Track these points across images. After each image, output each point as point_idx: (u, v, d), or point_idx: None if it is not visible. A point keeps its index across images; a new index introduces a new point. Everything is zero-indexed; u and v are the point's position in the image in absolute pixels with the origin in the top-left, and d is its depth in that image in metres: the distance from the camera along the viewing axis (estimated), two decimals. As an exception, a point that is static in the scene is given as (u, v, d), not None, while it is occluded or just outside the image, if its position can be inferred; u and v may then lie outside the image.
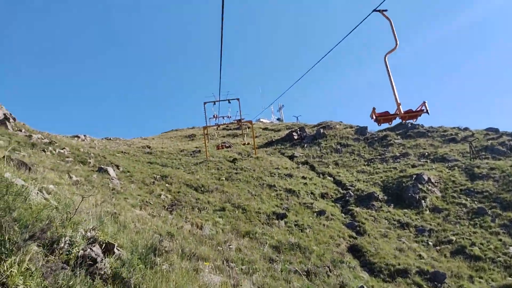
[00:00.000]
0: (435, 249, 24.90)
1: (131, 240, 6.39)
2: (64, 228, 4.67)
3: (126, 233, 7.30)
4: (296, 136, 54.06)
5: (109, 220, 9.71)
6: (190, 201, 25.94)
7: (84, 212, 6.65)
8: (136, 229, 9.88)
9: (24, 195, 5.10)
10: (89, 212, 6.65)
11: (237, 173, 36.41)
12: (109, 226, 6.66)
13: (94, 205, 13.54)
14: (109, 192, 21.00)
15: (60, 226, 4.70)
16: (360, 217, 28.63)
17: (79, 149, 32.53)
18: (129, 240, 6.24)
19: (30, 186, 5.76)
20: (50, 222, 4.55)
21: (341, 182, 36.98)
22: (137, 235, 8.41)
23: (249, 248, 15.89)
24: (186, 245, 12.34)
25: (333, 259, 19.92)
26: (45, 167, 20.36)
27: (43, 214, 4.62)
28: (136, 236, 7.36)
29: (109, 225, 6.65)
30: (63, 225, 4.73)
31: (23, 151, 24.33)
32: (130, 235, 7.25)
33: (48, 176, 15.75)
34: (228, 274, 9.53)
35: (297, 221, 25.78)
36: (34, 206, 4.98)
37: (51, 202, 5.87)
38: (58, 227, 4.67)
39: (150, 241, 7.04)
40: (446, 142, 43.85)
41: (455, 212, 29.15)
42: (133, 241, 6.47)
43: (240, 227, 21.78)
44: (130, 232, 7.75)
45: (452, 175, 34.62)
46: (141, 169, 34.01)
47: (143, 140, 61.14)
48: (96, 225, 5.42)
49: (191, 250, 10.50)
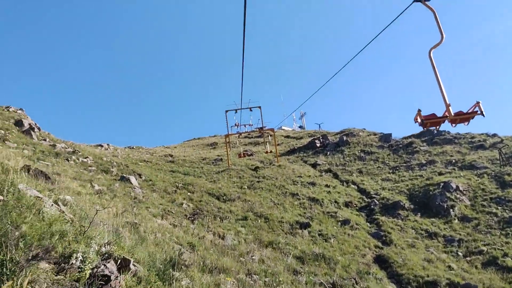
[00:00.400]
0: (465, 260, 23.96)
1: (149, 254, 6.08)
2: (78, 243, 4.38)
3: (145, 246, 7.00)
4: (319, 143, 53.43)
5: (129, 231, 9.47)
6: (212, 210, 25.67)
7: (101, 224, 6.38)
8: (156, 241, 9.60)
9: (37, 207, 4.84)
10: (107, 224, 6.39)
11: (259, 182, 36.04)
12: (127, 239, 6.37)
13: (114, 215, 13.38)
14: (131, 201, 20.89)
15: (74, 241, 4.42)
16: (386, 227, 27.86)
17: (102, 158, 32.71)
18: (147, 254, 5.93)
19: (44, 198, 5.52)
20: (62, 237, 4.26)
21: (366, 190, 36.20)
22: (157, 248, 8.12)
23: (272, 259, 15.45)
24: (207, 256, 12.02)
25: (359, 270, 19.29)
26: (67, 176, 20.40)
27: (55, 228, 4.35)
28: (155, 249, 7.06)
29: (127, 238, 6.36)
30: (76, 239, 4.45)
31: (47, 160, 24.51)
32: (149, 248, 6.95)
33: (70, 186, 15.70)
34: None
35: (321, 231, 25.21)
36: (47, 219, 4.72)
37: (66, 214, 5.61)
38: (72, 242, 4.39)
39: (170, 255, 6.72)
40: (474, 149, 42.60)
41: (485, 221, 28.10)
42: (151, 254, 6.17)
43: (263, 236, 21.35)
44: (149, 245, 7.45)
45: (482, 183, 33.50)
46: (163, 177, 33.98)
47: (166, 149, 61.44)
48: (112, 239, 5.12)
49: (212, 263, 10.15)
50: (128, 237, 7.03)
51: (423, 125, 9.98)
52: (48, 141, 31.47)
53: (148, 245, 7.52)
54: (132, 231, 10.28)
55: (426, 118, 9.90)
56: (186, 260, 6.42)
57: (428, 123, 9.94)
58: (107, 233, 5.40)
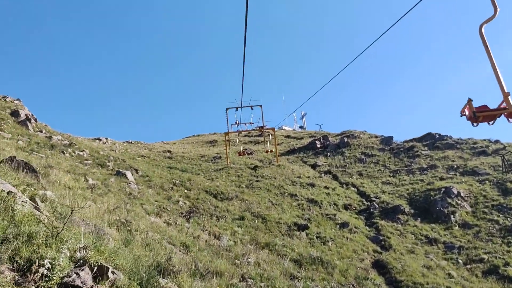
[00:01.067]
0: (465, 268, 23.44)
1: (134, 259, 5.54)
2: (48, 246, 3.84)
3: (131, 249, 6.44)
4: (319, 144, 52.87)
5: (116, 230, 8.92)
6: (209, 208, 25.12)
7: (83, 224, 5.83)
8: (146, 241, 9.05)
9: (7, 204, 4.30)
10: (89, 224, 5.84)
11: (257, 181, 35.50)
12: (111, 241, 5.81)
13: (106, 212, 12.85)
14: (125, 197, 20.36)
15: (44, 244, 3.88)
16: (385, 231, 27.33)
17: (98, 152, 32.16)
18: (132, 259, 5.38)
19: (18, 193, 4.97)
20: (30, 239, 3.72)
21: (365, 193, 35.68)
22: (146, 250, 7.56)
23: (269, 262, 14.91)
24: (201, 258, 11.49)
25: (357, 275, 18.79)
26: (61, 170, 19.88)
27: (23, 228, 3.81)
28: (143, 252, 6.51)
29: (111, 240, 5.80)
30: (47, 243, 3.91)
31: (42, 152, 24.00)
32: (135, 251, 6.40)
33: (61, 179, 15.17)
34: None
35: (319, 233, 24.68)
36: (17, 218, 4.18)
37: (42, 213, 5.06)
38: (41, 245, 3.85)
39: (158, 259, 6.16)
40: (476, 154, 42.03)
41: (486, 228, 27.58)
42: (136, 259, 5.62)
43: (260, 237, 20.81)
44: (137, 247, 6.90)
45: (483, 189, 32.97)
46: (161, 174, 33.43)
47: (164, 145, 60.88)
48: (91, 242, 4.57)
49: (205, 265, 9.62)
50: (114, 238, 6.50)
51: (473, 119, 8.18)
52: (44, 132, 30.94)
53: (136, 247, 6.97)
54: (122, 229, 9.75)
55: (479, 110, 8.12)
56: (175, 265, 5.88)
57: (480, 116, 8.14)
58: (85, 235, 4.86)
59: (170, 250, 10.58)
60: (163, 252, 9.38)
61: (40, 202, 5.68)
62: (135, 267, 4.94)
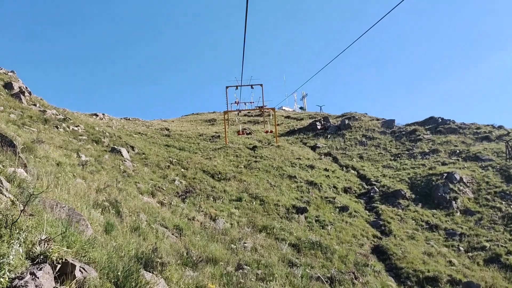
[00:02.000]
0: (466, 256, 22.93)
1: (114, 250, 4.80)
2: (0, 238, 3.09)
3: (114, 236, 5.68)
4: (320, 126, 52.04)
5: (102, 213, 8.18)
6: (206, 189, 24.43)
7: (58, 207, 5.06)
8: (135, 224, 8.31)
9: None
10: (64, 207, 5.08)
11: (256, 161, 34.77)
12: (89, 227, 5.05)
13: (95, 191, 12.11)
14: (119, 175, 19.60)
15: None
16: (386, 216, 26.75)
17: (94, 128, 31.32)
18: (110, 250, 4.64)
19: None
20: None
21: (366, 176, 35.03)
22: (133, 235, 6.82)
23: (266, 247, 14.25)
24: (195, 243, 10.81)
25: (357, 261, 18.18)
26: (52, 145, 19.09)
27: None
28: (126, 241, 5.76)
29: (88, 227, 5.05)
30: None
31: (34, 126, 23.15)
32: (118, 239, 5.64)
33: (50, 155, 14.39)
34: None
35: (318, 217, 24.08)
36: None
37: (5, 194, 4.29)
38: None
39: (142, 249, 5.41)
40: (479, 140, 41.28)
41: (488, 216, 27.00)
42: (117, 250, 4.89)
43: (257, 220, 20.17)
44: (121, 234, 6.13)
45: (486, 175, 32.32)
46: (157, 151, 32.69)
47: (163, 122, 60.01)
48: (59, 231, 3.81)
49: (198, 253, 8.92)
50: (95, 223, 5.75)
51: None
52: (39, 106, 30.01)
53: (120, 234, 6.20)
54: (109, 211, 9.01)
55: None
56: (162, 256, 5.17)
57: None
58: (53, 223, 4.09)
59: (162, 235, 9.88)
60: (153, 237, 8.66)
61: (6, 182, 4.92)
62: (115, 259, 4.20)
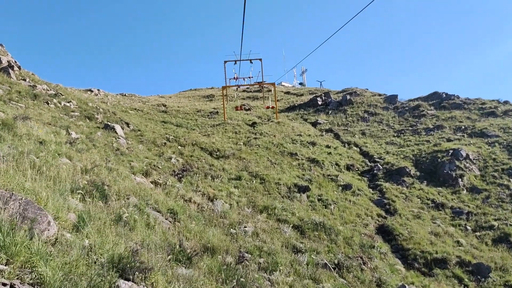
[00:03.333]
0: (474, 235, 22.12)
1: (82, 255, 3.76)
2: None
3: (87, 234, 4.64)
4: (321, 101, 50.77)
5: (81, 200, 7.14)
6: (203, 167, 23.40)
7: (12, 200, 3.99)
8: (120, 211, 7.28)
9: None
10: (21, 201, 4.01)
11: (256, 138, 33.69)
12: (54, 225, 4.00)
13: (81, 172, 11.07)
14: (112, 153, 18.56)
15: None
16: (390, 194, 25.86)
17: (87, 103, 30.13)
18: (76, 257, 3.59)
19: None
20: None
21: (369, 153, 34.02)
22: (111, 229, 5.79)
23: (268, 231, 13.29)
24: (190, 228, 9.83)
25: (363, 243, 17.34)
26: (40, 121, 18.00)
27: None
28: (102, 238, 4.72)
29: (52, 224, 4.00)
30: None
31: (22, 102, 21.99)
32: (91, 237, 4.60)
33: (33, 132, 13.29)
34: None
35: (321, 196, 23.16)
36: None
37: None
38: None
39: (119, 252, 4.37)
40: (484, 115, 40.13)
41: (496, 194, 26.11)
42: (87, 254, 3.86)
43: (258, 200, 19.21)
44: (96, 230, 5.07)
45: (493, 152, 31.34)
46: (154, 128, 31.60)
47: (160, 98, 58.67)
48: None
49: (193, 243, 7.94)
50: (69, 214, 4.72)
51: None
52: (28, 81, 28.74)
53: (98, 229, 5.15)
54: (94, 196, 7.97)
55: None
56: (144, 261, 4.15)
57: None
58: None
59: (154, 220, 8.90)
60: (143, 225, 7.65)
61: None
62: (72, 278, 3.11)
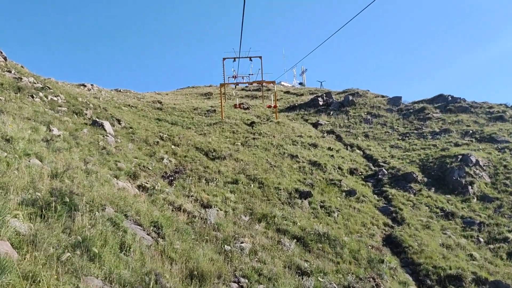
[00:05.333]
0: (487, 248, 20.57)
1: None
2: None
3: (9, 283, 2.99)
4: (322, 101, 49.14)
5: (30, 219, 5.49)
6: (197, 169, 21.72)
7: None
8: (83, 232, 5.62)
9: None
10: None
11: (254, 139, 32.01)
12: None
13: (51, 176, 9.43)
14: (97, 152, 16.86)
15: None
16: (397, 201, 24.28)
17: (76, 98, 28.37)
18: None
19: None
20: None
21: (372, 157, 32.42)
22: (59, 263, 4.16)
23: (268, 248, 11.64)
24: (177, 246, 8.18)
25: (371, 257, 15.74)
26: (19, 116, 16.33)
27: None
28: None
29: None
30: None
31: (2, 95, 20.28)
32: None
33: (3, 129, 11.63)
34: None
35: (324, 202, 21.53)
36: None
37: None
38: None
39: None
40: (492, 120, 38.57)
41: (508, 203, 24.59)
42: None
43: (256, 207, 17.58)
44: (29, 268, 3.43)
45: (503, 158, 29.80)
46: (147, 126, 29.88)
47: (156, 95, 56.93)
48: None
49: (178, 266, 6.29)
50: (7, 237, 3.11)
51: None
52: (14, 73, 26.97)
53: (33, 274, 3.51)
54: (54, 210, 6.32)
55: None
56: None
57: None
58: None
59: (132, 238, 7.26)
60: (114, 248, 5.99)
61: None
62: None
